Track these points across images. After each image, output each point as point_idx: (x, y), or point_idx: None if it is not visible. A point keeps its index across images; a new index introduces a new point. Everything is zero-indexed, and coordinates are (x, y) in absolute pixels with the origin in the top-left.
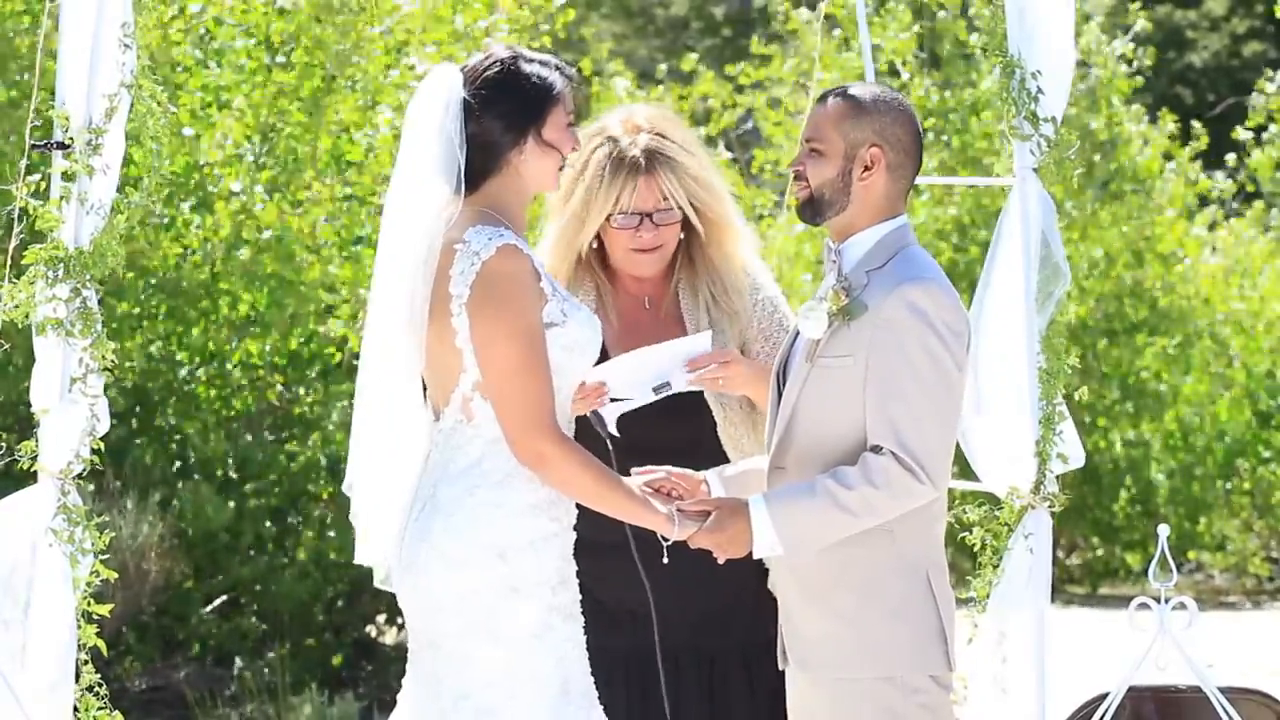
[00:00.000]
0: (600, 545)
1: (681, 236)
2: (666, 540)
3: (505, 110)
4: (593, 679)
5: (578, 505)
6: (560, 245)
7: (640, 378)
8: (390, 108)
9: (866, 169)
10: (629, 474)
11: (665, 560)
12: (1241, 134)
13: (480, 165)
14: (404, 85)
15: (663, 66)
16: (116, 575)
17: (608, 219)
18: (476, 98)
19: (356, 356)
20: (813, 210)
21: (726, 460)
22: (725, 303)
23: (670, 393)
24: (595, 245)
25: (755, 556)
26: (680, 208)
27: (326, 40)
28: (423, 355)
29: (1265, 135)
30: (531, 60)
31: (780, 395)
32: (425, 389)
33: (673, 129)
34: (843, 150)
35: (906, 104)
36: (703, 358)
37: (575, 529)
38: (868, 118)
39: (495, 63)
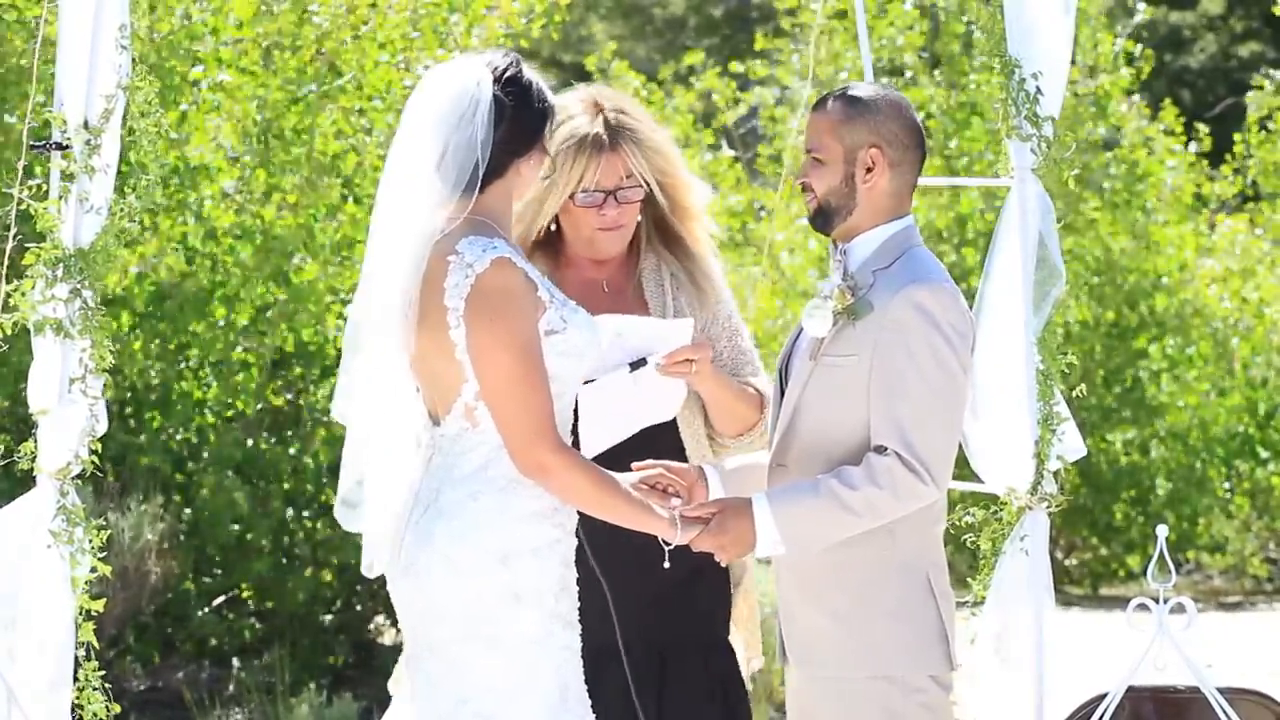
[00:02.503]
0: None
1: (641, 219)
2: (668, 544)
3: (530, 115)
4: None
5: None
6: (516, 226)
7: (615, 349)
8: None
9: (868, 170)
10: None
11: (667, 565)
12: (1243, 136)
13: (490, 168)
14: (390, 93)
15: (672, 66)
16: (115, 574)
17: (571, 198)
18: (509, 97)
19: None
20: (823, 219)
21: (680, 444)
22: (694, 286)
23: (643, 370)
24: (554, 227)
25: (758, 556)
26: (645, 183)
27: (310, 42)
28: (411, 346)
29: (1263, 134)
30: (531, 69)
31: (783, 393)
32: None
33: (632, 106)
34: (842, 155)
35: (901, 99)
36: (681, 350)
37: None
38: (862, 119)
39: (515, 63)
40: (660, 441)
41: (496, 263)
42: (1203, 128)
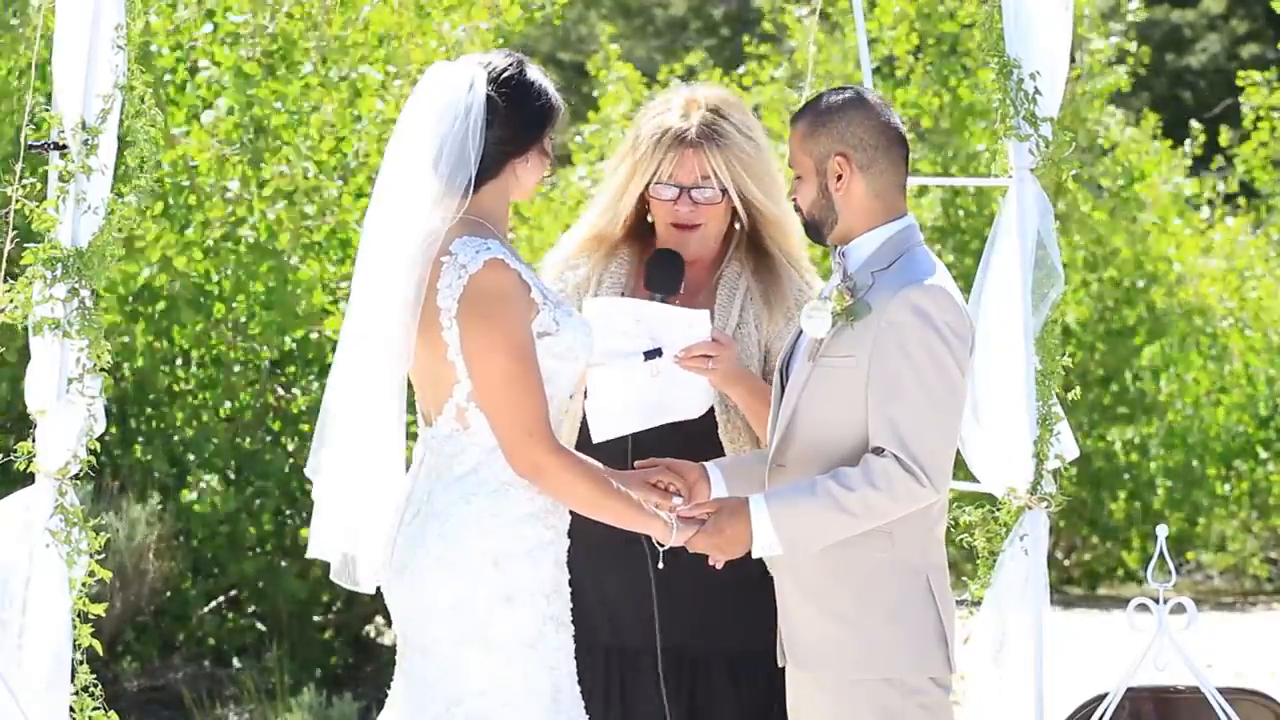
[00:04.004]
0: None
1: (738, 227)
2: (662, 545)
3: (524, 116)
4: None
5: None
6: (600, 213)
7: (632, 336)
8: (377, 103)
9: (838, 178)
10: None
11: (661, 565)
12: (1229, 135)
13: (483, 167)
14: (386, 89)
15: (679, 66)
16: (114, 576)
17: (647, 188)
18: (502, 98)
19: None
20: (814, 232)
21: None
22: (763, 300)
23: (659, 360)
24: (651, 220)
25: (754, 556)
26: (724, 189)
27: (300, 39)
28: (410, 357)
29: (1254, 133)
30: (536, 69)
31: (782, 393)
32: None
33: (734, 112)
34: (813, 168)
35: (865, 99)
36: (699, 344)
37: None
38: (823, 130)
39: (516, 64)
40: (702, 451)
41: (490, 263)
42: (1197, 126)
